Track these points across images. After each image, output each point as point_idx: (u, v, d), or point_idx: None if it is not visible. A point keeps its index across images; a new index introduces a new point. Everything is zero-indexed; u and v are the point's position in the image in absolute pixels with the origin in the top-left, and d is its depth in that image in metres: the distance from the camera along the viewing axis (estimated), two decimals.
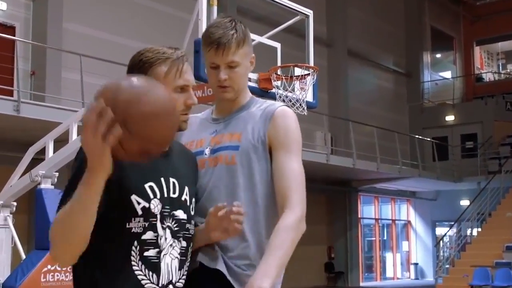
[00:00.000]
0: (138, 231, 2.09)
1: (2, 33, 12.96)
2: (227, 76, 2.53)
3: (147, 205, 2.10)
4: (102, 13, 15.60)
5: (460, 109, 26.54)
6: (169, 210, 2.14)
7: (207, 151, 2.55)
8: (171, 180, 2.20)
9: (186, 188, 2.24)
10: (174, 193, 2.19)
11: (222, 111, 2.66)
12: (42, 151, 8.93)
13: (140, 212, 2.09)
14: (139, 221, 2.09)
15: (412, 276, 26.14)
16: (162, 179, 2.18)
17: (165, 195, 2.16)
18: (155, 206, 2.12)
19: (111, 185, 1.96)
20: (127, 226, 2.08)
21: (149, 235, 2.09)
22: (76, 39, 14.74)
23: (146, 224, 2.10)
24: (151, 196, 2.12)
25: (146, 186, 2.12)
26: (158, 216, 2.12)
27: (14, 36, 13.67)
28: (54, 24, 14.26)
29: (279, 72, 7.04)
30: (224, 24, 2.55)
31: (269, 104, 2.62)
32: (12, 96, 12.46)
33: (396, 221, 26.67)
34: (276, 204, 2.44)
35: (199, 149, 2.57)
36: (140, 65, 2.27)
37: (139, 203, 2.09)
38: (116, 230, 2.08)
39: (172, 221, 2.16)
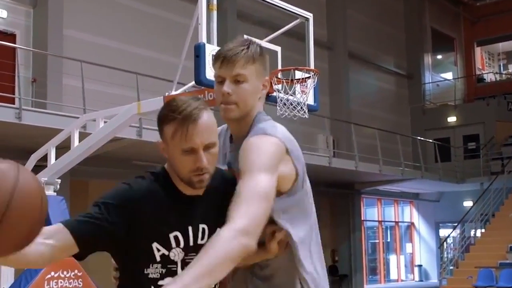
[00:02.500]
0: (155, 276, 2.15)
1: (2, 41, 12.97)
2: (230, 90, 2.40)
3: (166, 253, 2.16)
4: (102, 19, 15.61)
5: (462, 110, 26.51)
6: (193, 256, 2.06)
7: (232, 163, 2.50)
8: (201, 226, 2.22)
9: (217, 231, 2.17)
10: (202, 239, 2.21)
11: (233, 131, 2.56)
12: (44, 158, 8.92)
13: (158, 259, 2.15)
14: (156, 267, 2.15)
15: (416, 278, 26.08)
16: (190, 227, 2.20)
17: (191, 243, 2.19)
18: (176, 254, 2.17)
19: (133, 233, 2.06)
20: (145, 271, 2.15)
21: (167, 280, 2.13)
22: (76, 46, 14.75)
23: (164, 271, 2.16)
24: (174, 245, 2.16)
25: (171, 235, 2.17)
26: (179, 263, 2.16)
27: (15, 43, 13.69)
28: (54, 31, 14.27)
29: (279, 75, 7.03)
30: (238, 41, 2.48)
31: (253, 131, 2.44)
32: (13, 103, 12.47)
33: (400, 223, 26.63)
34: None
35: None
36: (158, 120, 2.21)
37: (159, 251, 2.15)
38: (135, 274, 2.16)
39: None
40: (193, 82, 6.85)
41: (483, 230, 21.05)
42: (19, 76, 12.61)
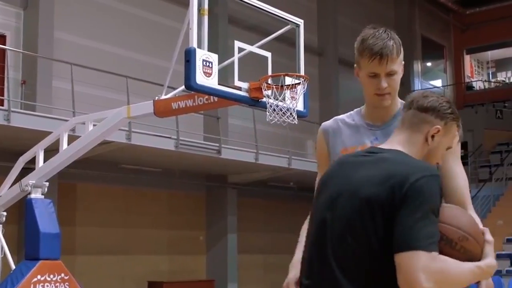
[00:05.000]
0: None
1: None
2: (387, 84, 2.70)
3: None
4: (93, 22, 15.58)
5: None
6: None
7: None
8: None
9: None
10: None
11: (376, 118, 2.83)
12: (33, 161, 8.90)
13: None
14: None
15: None
16: None
17: None
18: None
19: None
20: None
21: None
22: (67, 48, 14.71)
23: None
24: None
25: None
26: None
27: (5, 45, 13.63)
28: (45, 33, 14.23)
29: (269, 81, 7.04)
30: (380, 35, 2.70)
31: None
32: (2, 105, 12.42)
33: None
34: None
35: None
36: (446, 112, 2.44)
37: None
38: None
39: None
40: (183, 87, 6.85)
41: None
42: (8, 77, 12.56)
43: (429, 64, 30.09)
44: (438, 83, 29.76)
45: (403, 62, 2.79)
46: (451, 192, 2.69)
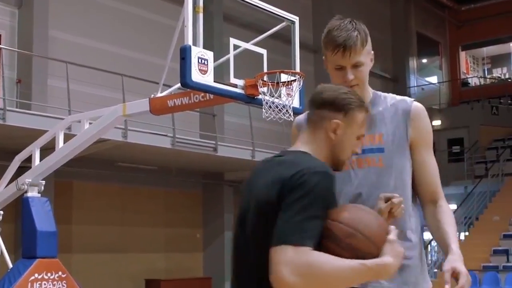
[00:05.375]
0: None
1: None
2: (353, 76, 2.67)
3: None
4: (88, 20, 15.56)
5: (447, 114, 26.65)
6: None
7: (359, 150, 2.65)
8: None
9: None
10: None
11: None
12: (29, 159, 8.89)
13: None
14: None
15: None
16: None
17: None
18: None
19: None
20: None
21: None
22: (62, 47, 14.69)
23: None
24: None
25: None
26: None
27: (0, 44, 13.61)
28: (40, 32, 14.20)
29: (265, 78, 7.05)
30: (345, 26, 2.71)
31: (398, 100, 2.78)
32: None
33: None
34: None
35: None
36: (344, 103, 2.37)
37: None
38: None
39: None
40: (179, 84, 6.85)
41: (467, 233, 21.16)
42: (3, 76, 12.55)
43: (424, 60, 30.11)
44: (433, 79, 29.78)
45: (372, 52, 2.75)
46: (424, 184, 2.69)
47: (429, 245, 23.11)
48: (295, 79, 7.09)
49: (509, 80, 30.09)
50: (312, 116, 2.42)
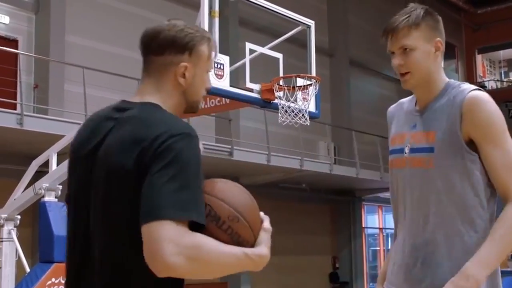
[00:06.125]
0: None
1: (5, 47, 13.00)
2: (402, 62, 2.49)
3: None
4: (104, 25, 15.64)
5: None
6: None
7: (407, 149, 2.52)
8: None
9: None
10: None
11: (419, 101, 2.59)
12: (46, 164, 8.93)
13: None
14: None
15: None
16: None
17: None
18: None
19: None
20: None
21: None
22: (78, 52, 14.78)
23: None
24: None
25: None
26: None
27: (17, 49, 13.71)
28: (56, 37, 14.30)
29: (281, 82, 7.05)
30: (404, 11, 2.59)
31: (457, 92, 2.49)
32: (15, 109, 12.49)
33: None
34: (483, 198, 2.42)
35: (399, 147, 2.57)
36: (185, 41, 2.12)
37: None
38: None
39: None
40: None
41: None
42: (21, 82, 12.64)
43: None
44: None
45: (437, 39, 2.56)
46: (494, 181, 2.41)
47: None
48: (311, 83, 7.09)
49: None
50: (151, 63, 2.12)
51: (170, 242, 1.72)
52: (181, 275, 1.80)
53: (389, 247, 26.39)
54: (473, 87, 2.51)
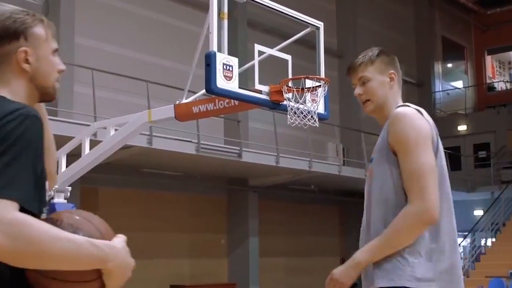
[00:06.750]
0: None
1: None
2: (361, 91, 3.05)
3: None
4: (113, 27, 15.68)
5: (473, 119, 26.43)
6: None
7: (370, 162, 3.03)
8: None
9: None
10: None
11: (379, 122, 3.08)
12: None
13: None
14: None
15: None
16: None
17: None
18: None
19: None
20: None
21: None
22: (87, 54, 14.82)
23: None
24: None
25: None
26: None
27: None
28: (66, 39, 14.33)
29: (290, 84, 7.04)
30: (363, 53, 3.12)
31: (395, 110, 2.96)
32: None
33: None
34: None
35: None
36: (16, 26, 2.03)
37: None
38: None
39: None
40: (204, 90, 6.86)
41: (493, 240, 20.93)
42: None
43: (449, 65, 29.91)
44: (459, 84, 29.56)
45: (390, 71, 3.05)
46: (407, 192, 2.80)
47: None
48: (320, 85, 7.07)
49: None
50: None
51: None
52: (6, 256, 1.68)
53: None
54: (402, 104, 3.02)
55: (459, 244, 20.26)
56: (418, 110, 2.89)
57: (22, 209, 1.72)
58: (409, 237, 2.73)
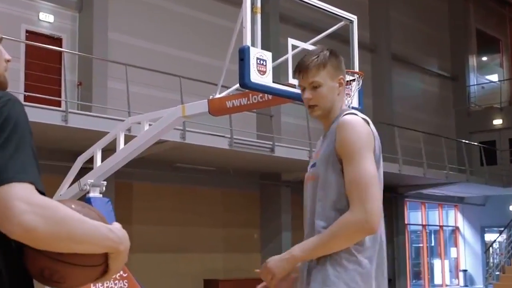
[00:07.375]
0: None
1: (49, 45, 13.22)
2: (311, 96, 2.93)
3: None
4: (146, 23, 15.78)
5: (508, 113, 26.07)
6: None
7: (309, 167, 2.99)
8: None
9: None
10: None
11: (324, 127, 3.03)
12: (90, 160, 9.05)
13: None
14: None
15: (461, 283, 25.72)
16: None
17: None
18: None
19: None
20: None
21: None
22: (121, 49, 14.94)
23: None
24: None
25: None
26: None
27: (61, 47, 13.92)
28: (99, 35, 14.48)
29: None
30: (311, 52, 3.02)
31: (340, 117, 2.92)
32: (60, 106, 12.68)
33: (444, 227, 26.30)
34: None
35: (310, 165, 3.02)
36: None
37: None
38: None
39: None
40: (237, 85, 6.87)
41: None
42: (65, 79, 12.82)
43: (484, 58, 29.52)
44: (494, 77, 29.17)
45: (341, 76, 2.97)
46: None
47: (490, 247, 22.66)
48: (354, 79, 7.04)
49: None
50: None
51: (22, 200, 1.63)
52: (41, 238, 1.67)
53: (432, 244, 26.16)
54: (350, 112, 2.93)
55: (495, 240, 20.09)
56: (365, 119, 2.86)
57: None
58: (346, 244, 2.75)
